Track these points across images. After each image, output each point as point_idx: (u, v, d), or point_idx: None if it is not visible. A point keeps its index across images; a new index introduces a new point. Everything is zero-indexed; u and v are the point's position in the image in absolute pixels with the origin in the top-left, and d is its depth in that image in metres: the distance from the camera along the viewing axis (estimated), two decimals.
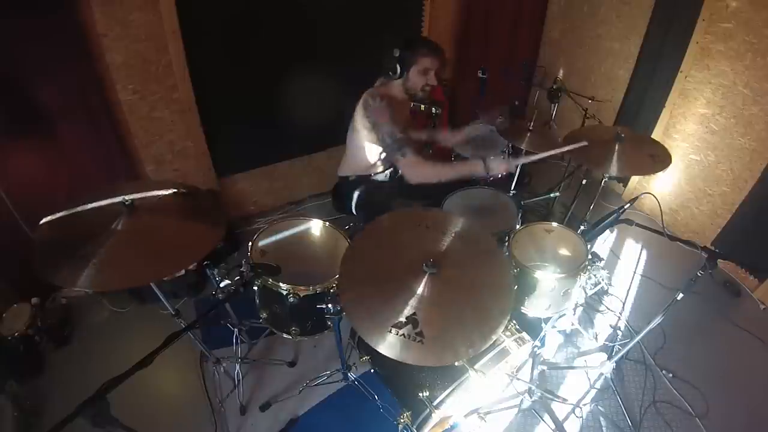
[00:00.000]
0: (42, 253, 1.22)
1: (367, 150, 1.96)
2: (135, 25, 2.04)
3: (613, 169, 1.88)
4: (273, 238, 1.67)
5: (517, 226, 1.86)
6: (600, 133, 2.03)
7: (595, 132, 2.18)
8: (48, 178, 2.07)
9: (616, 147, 1.90)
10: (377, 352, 1.07)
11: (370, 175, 2.17)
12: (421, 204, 2.42)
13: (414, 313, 1.12)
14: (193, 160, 2.54)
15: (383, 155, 1.95)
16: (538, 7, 3.34)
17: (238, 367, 1.94)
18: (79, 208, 1.33)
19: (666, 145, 2.00)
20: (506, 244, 1.84)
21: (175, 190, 1.46)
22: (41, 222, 1.29)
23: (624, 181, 3.19)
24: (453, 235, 1.34)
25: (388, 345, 1.07)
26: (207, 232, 1.38)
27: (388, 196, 2.23)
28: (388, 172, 2.27)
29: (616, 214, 1.63)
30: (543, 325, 1.90)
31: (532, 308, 1.71)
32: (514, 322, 1.58)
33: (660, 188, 2.88)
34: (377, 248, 1.32)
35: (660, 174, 2.89)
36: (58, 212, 1.32)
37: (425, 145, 3.13)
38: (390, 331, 1.09)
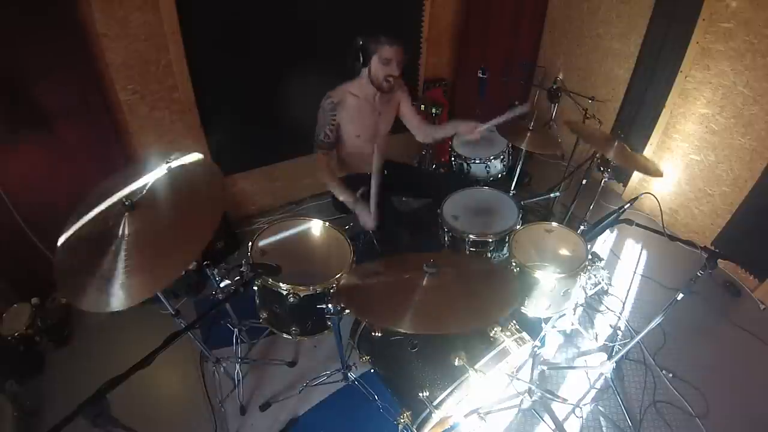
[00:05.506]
0: (65, 279, 1.18)
1: None
2: (135, 25, 2.04)
3: (612, 155, 1.91)
4: (273, 238, 1.67)
5: (517, 226, 1.86)
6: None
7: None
8: (48, 178, 2.07)
9: (616, 143, 1.92)
10: (377, 352, 1.07)
11: (366, 173, 2.18)
12: (421, 203, 2.43)
13: None
14: None
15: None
16: (538, 7, 3.34)
17: (238, 367, 1.94)
18: (84, 219, 1.29)
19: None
20: (506, 244, 1.84)
21: (168, 164, 1.41)
22: (59, 244, 1.25)
23: (624, 180, 3.19)
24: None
25: None
26: (209, 203, 1.33)
27: (389, 194, 2.23)
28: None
29: (616, 214, 1.64)
30: (543, 325, 1.90)
31: (532, 308, 1.72)
32: (514, 322, 1.58)
33: (660, 188, 2.87)
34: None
35: None
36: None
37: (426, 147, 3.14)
38: None
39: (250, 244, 1.60)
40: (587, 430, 1.82)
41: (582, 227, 2.35)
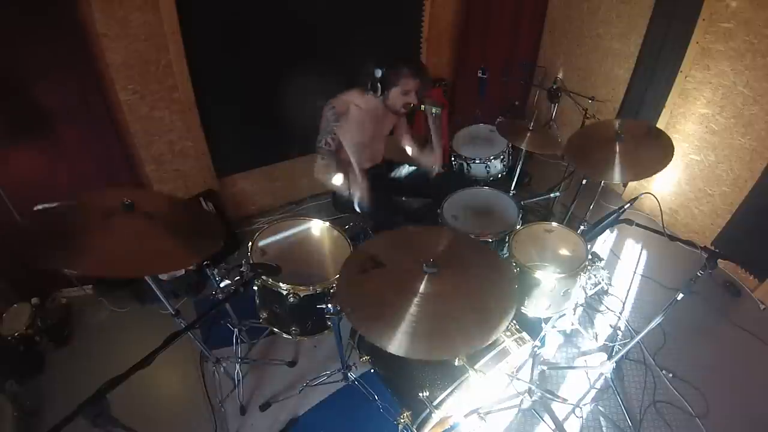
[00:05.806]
0: (30, 236, 1.22)
1: None
2: (135, 25, 2.04)
3: (616, 176, 1.83)
4: (273, 238, 1.67)
5: (517, 226, 1.86)
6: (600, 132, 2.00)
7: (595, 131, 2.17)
8: (48, 178, 2.07)
9: (618, 148, 1.87)
10: (377, 352, 1.07)
11: (365, 168, 2.18)
12: (421, 203, 2.43)
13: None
14: (193, 160, 2.54)
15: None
16: (538, 7, 3.34)
17: (238, 367, 1.94)
18: (75, 201, 1.33)
19: None
20: (506, 244, 1.84)
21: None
22: (35, 208, 1.28)
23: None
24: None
25: None
26: (202, 243, 1.36)
27: (391, 193, 2.24)
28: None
29: (616, 214, 1.63)
30: (543, 325, 1.90)
31: (532, 308, 1.72)
32: (514, 322, 1.58)
33: (660, 188, 2.87)
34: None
35: (660, 174, 2.89)
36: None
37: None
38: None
39: (250, 244, 1.60)
40: (587, 430, 1.82)
41: (582, 227, 2.34)
